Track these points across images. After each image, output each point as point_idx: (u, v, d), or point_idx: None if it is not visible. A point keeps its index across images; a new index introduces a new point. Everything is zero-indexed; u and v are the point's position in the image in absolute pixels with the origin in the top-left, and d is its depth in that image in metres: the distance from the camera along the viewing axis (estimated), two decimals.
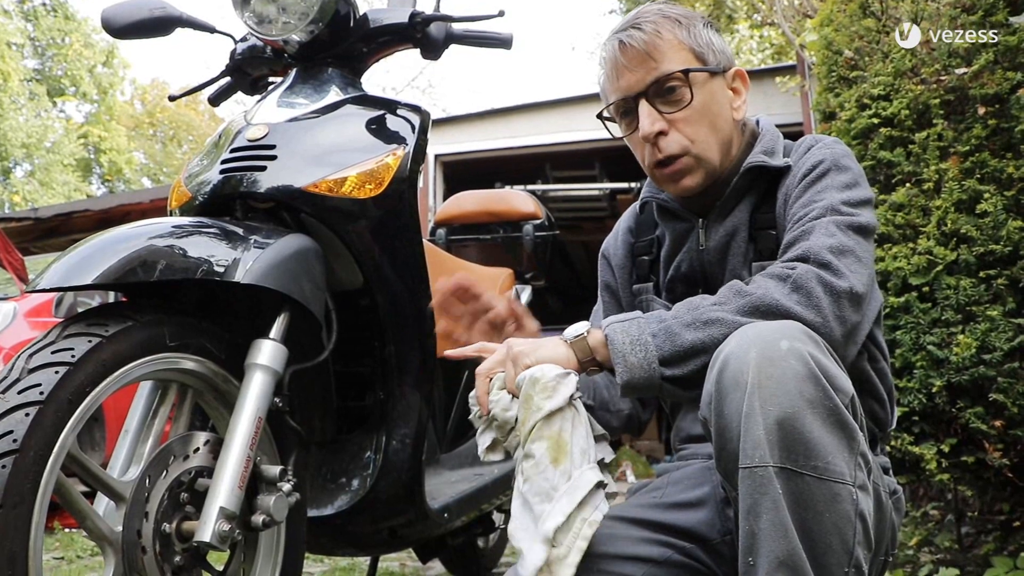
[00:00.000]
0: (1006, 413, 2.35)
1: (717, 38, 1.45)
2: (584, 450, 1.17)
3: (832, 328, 1.17)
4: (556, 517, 1.12)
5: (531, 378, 1.18)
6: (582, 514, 1.14)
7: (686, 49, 1.40)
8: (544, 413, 1.16)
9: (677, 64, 1.39)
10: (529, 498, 1.16)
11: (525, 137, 8.09)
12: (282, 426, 1.59)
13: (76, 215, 9.45)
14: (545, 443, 1.16)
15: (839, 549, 1.04)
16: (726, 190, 1.43)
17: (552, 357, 1.23)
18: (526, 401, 1.18)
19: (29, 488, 1.17)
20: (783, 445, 1.01)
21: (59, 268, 1.35)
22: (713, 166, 1.42)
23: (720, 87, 1.44)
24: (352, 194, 1.67)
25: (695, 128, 1.40)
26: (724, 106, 1.44)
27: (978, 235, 2.45)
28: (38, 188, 22.48)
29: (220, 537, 1.35)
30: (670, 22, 1.41)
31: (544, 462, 1.16)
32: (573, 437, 1.17)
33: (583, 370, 1.24)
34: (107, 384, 1.29)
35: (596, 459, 1.21)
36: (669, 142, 1.40)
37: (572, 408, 1.19)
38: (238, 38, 2.02)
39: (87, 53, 25.67)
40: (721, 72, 1.44)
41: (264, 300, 1.55)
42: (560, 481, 1.14)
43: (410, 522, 1.90)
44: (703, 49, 1.42)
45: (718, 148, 1.42)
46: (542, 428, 1.17)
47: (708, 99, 1.41)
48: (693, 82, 1.39)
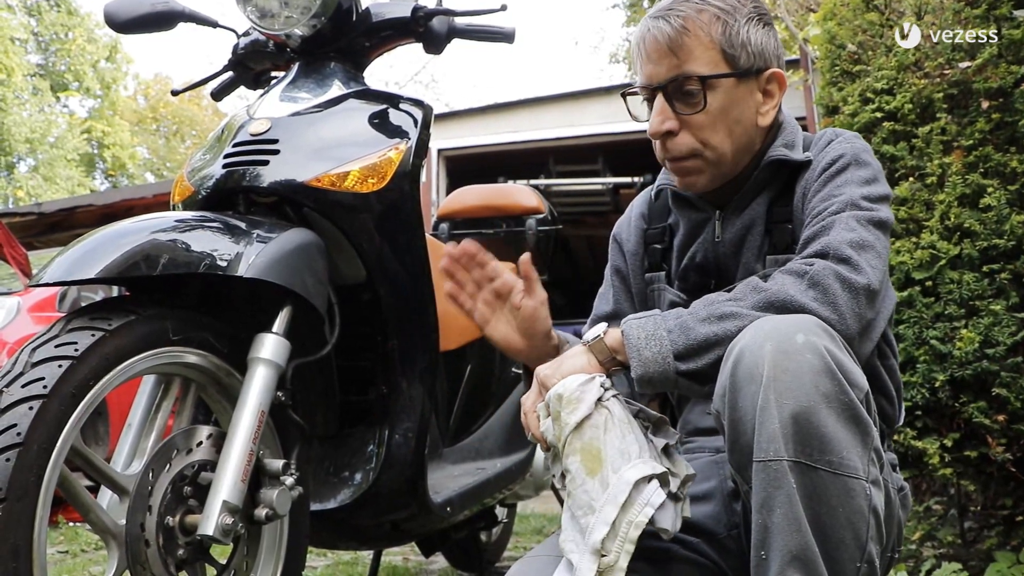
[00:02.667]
0: (1009, 408, 2.35)
1: (759, 35, 1.37)
2: (622, 450, 1.15)
3: (849, 324, 1.15)
4: (601, 528, 1.12)
5: (555, 396, 1.18)
6: (627, 517, 1.12)
7: (715, 48, 1.34)
8: (571, 426, 1.16)
9: (700, 65, 1.34)
10: (574, 512, 1.16)
11: (528, 132, 8.09)
12: (285, 420, 1.59)
13: (79, 210, 9.48)
14: (578, 456, 1.16)
15: (852, 544, 1.04)
16: (745, 183, 1.41)
17: (574, 368, 1.22)
18: (556, 419, 1.18)
19: (33, 481, 1.17)
20: (798, 439, 1.01)
21: (62, 262, 1.35)
22: (724, 170, 1.39)
23: (747, 92, 1.37)
24: (354, 188, 1.67)
25: (709, 132, 1.36)
26: (747, 111, 1.38)
27: (981, 229, 2.44)
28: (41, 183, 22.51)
29: (223, 530, 1.35)
30: (706, 15, 1.34)
31: (580, 475, 1.15)
32: (606, 442, 1.16)
33: (607, 371, 1.23)
34: (110, 378, 1.30)
35: (656, 449, 1.19)
36: (678, 143, 1.37)
37: (603, 411, 1.17)
38: (240, 32, 2.02)
39: (90, 48, 25.68)
40: (754, 74, 1.37)
41: (267, 294, 1.55)
42: (598, 491, 1.14)
43: (412, 516, 1.90)
44: (735, 50, 1.35)
45: (732, 154, 1.38)
46: (573, 441, 1.16)
47: (728, 104, 1.35)
48: (713, 87, 1.34)
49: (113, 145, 26.39)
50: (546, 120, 8.04)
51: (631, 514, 1.12)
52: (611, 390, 1.19)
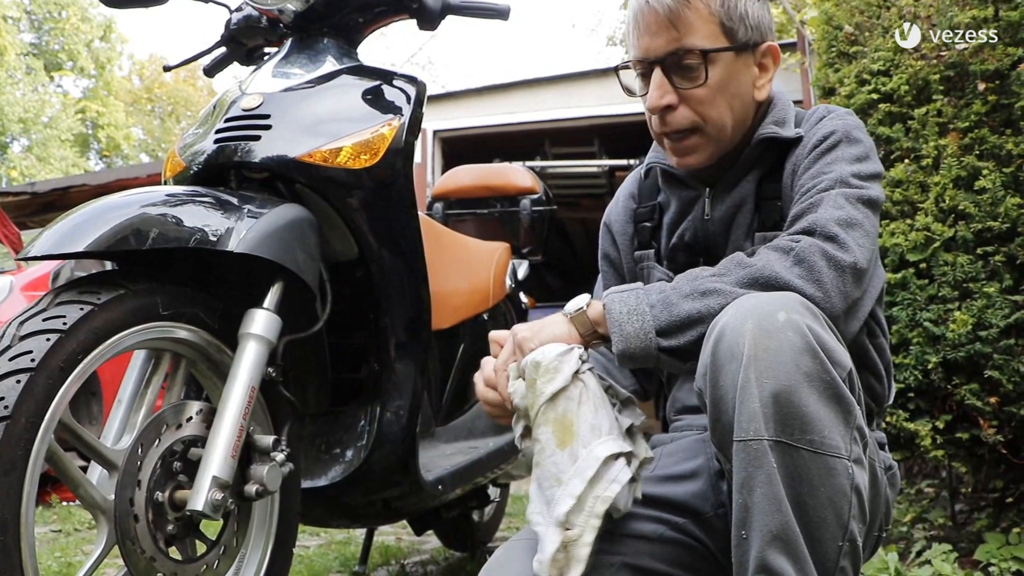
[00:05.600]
0: (1001, 390, 2.35)
1: (755, 7, 1.36)
2: (594, 425, 1.15)
3: (834, 302, 1.15)
4: (566, 501, 1.11)
5: (533, 362, 1.17)
6: (594, 492, 1.12)
7: (714, 22, 1.33)
8: (547, 396, 1.15)
9: (700, 39, 1.32)
10: (541, 483, 1.16)
11: (524, 113, 8.05)
12: (276, 396, 1.59)
13: (73, 190, 9.43)
14: (550, 427, 1.15)
15: (833, 523, 1.03)
16: (735, 161, 1.40)
17: (554, 336, 1.21)
18: (530, 386, 1.17)
19: (20, 455, 1.17)
20: (778, 419, 1.01)
21: (51, 235, 1.34)
22: (723, 145, 1.38)
23: (745, 65, 1.37)
24: (347, 164, 1.65)
25: (708, 107, 1.34)
26: (745, 84, 1.37)
27: (976, 212, 2.44)
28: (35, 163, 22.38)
29: (213, 506, 1.35)
30: None
31: (551, 446, 1.15)
32: (579, 415, 1.15)
33: (587, 344, 1.22)
34: (99, 352, 1.29)
35: (621, 427, 1.19)
36: (678, 117, 1.35)
37: (579, 384, 1.17)
38: (233, 8, 2.00)
39: (84, 27, 25.50)
40: (751, 48, 1.36)
41: (258, 270, 1.55)
42: (567, 463, 1.13)
43: (404, 494, 1.90)
44: (734, 23, 1.34)
45: (731, 127, 1.37)
46: (547, 411, 1.16)
47: (727, 78, 1.34)
48: (713, 60, 1.33)
49: (108, 125, 26.24)
50: (542, 102, 8.00)
51: (598, 489, 1.12)
52: (588, 363, 1.19)
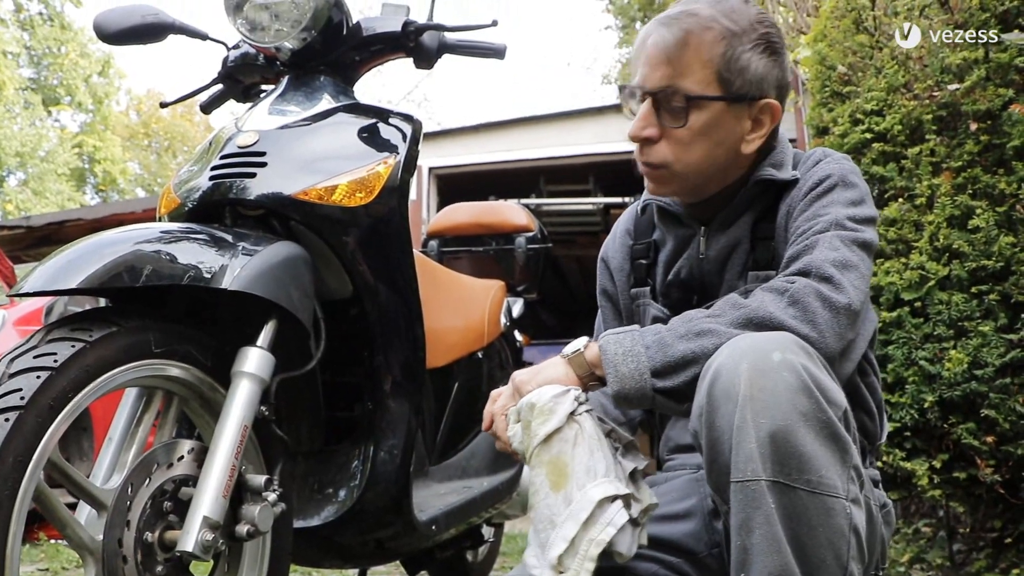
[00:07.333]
0: (998, 429, 2.35)
1: (761, 63, 1.35)
2: (590, 467, 1.14)
3: (829, 343, 1.15)
4: (559, 544, 1.10)
5: (528, 404, 1.17)
6: (588, 535, 1.11)
7: (711, 68, 1.32)
8: (540, 438, 1.15)
9: (691, 82, 1.32)
10: (536, 526, 1.15)
11: (520, 151, 8.10)
12: (268, 435, 1.57)
13: (68, 224, 9.43)
14: (544, 469, 1.15)
15: (833, 564, 1.03)
16: (731, 200, 1.41)
17: (552, 378, 1.21)
18: (525, 429, 1.17)
19: (7, 495, 1.15)
20: (776, 459, 1.00)
21: (44, 272, 1.33)
22: (691, 186, 1.39)
23: (735, 116, 1.35)
24: (342, 202, 1.65)
25: (685, 149, 1.35)
26: (732, 135, 1.36)
27: (970, 250, 2.45)
28: (31, 197, 22.40)
29: (203, 547, 1.32)
30: (712, 34, 1.33)
31: (544, 489, 1.14)
32: (574, 457, 1.14)
33: (585, 386, 1.22)
34: (91, 390, 1.27)
35: (624, 471, 1.18)
36: (653, 151, 1.37)
37: (574, 425, 1.16)
38: (230, 45, 2.01)
39: (83, 63, 25.65)
40: (747, 101, 1.35)
41: (252, 308, 1.54)
42: (561, 506, 1.12)
43: (397, 534, 1.88)
44: (731, 74, 1.33)
45: (705, 174, 1.37)
46: (541, 453, 1.15)
47: (711, 126, 1.34)
48: (699, 106, 1.33)
49: (104, 160, 26.30)
50: (538, 140, 8.06)
51: (592, 532, 1.11)
52: (585, 405, 1.18)
